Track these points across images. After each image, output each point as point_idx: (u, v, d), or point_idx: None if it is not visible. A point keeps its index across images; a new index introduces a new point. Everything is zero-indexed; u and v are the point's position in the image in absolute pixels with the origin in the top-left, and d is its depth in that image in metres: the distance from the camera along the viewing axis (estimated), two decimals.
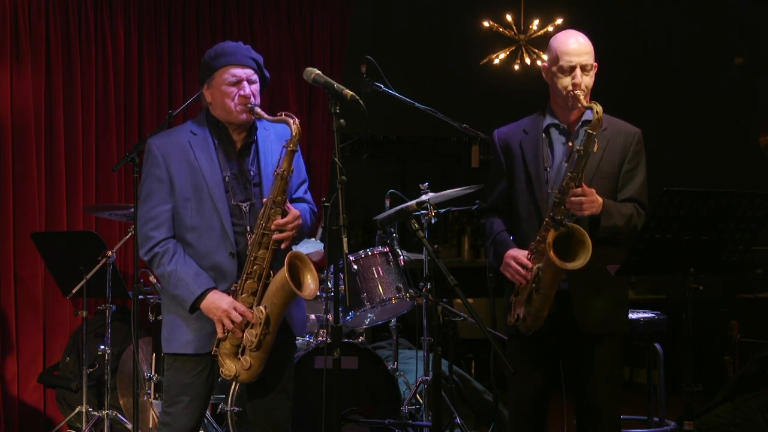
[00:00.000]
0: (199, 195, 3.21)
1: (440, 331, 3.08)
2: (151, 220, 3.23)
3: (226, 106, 3.23)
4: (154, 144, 3.27)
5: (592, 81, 3.30)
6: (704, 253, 3.15)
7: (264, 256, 3.17)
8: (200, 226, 3.21)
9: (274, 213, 3.17)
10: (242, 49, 3.29)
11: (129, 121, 5.72)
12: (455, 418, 4.72)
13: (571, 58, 3.25)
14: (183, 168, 3.22)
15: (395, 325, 5.07)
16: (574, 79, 3.24)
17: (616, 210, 3.23)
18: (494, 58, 7.13)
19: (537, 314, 3.25)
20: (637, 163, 3.33)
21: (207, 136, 3.27)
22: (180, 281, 3.17)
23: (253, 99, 3.23)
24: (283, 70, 6.08)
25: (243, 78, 3.23)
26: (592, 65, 3.29)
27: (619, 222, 3.21)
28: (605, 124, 3.26)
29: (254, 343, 3.14)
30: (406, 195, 4.97)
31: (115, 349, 4.96)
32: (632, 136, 3.34)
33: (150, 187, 3.25)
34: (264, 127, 3.34)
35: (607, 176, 3.29)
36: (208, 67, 3.28)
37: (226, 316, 3.14)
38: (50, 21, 5.47)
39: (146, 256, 3.25)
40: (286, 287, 3.10)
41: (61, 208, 5.53)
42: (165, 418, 3.28)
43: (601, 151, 3.25)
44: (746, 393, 4.73)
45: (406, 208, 4.00)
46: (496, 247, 3.42)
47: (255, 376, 3.19)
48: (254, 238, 3.18)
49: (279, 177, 3.17)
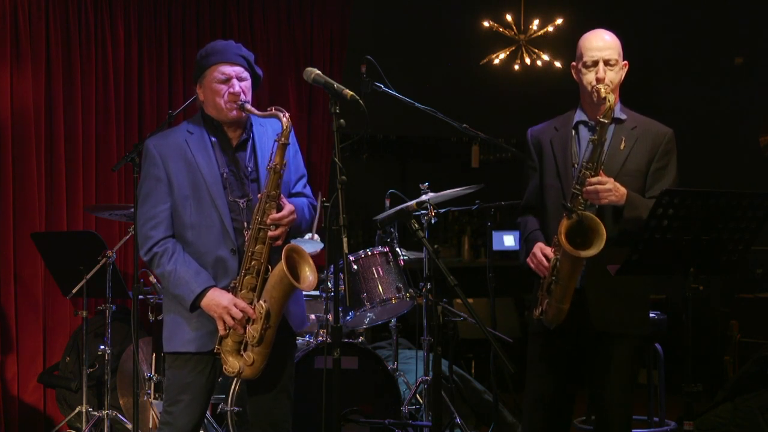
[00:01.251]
0: (198, 193, 3.22)
1: (440, 331, 3.08)
2: (150, 219, 3.24)
3: (216, 104, 3.25)
4: (152, 144, 3.29)
5: (619, 77, 3.34)
6: (704, 253, 3.15)
7: (261, 251, 3.18)
8: (200, 224, 3.22)
9: (269, 207, 3.18)
10: (231, 47, 3.30)
11: (129, 121, 5.72)
12: (455, 418, 4.72)
13: (593, 53, 3.31)
14: (181, 167, 3.23)
15: (395, 325, 5.07)
16: (597, 74, 3.29)
17: (641, 203, 3.23)
18: (494, 58, 7.13)
19: (558, 306, 3.25)
20: (667, 162, 3.34)
21: (203, 135, 3.29)
22: (180, 280, 3.18)
23: (243, 96, 3.24)
24: (283, 70, 6.08)
25: (232, 75, 3.25)
26: (617, 60, 3.32)
27: (644, 214, 3.16)
28: (635, 123, 3.34)
29: (256, 338, 3.14)
30: (406, 195, 4.97)
31: (115, 349, 4.96)
32: (663, 136, 3.36)
33: (148, 187, 3.26)
34: (260, 123, 3.35)
35: (633, 174, 3.30)
36: (199, 66, 3.30)
37: (227, 312, 3.14)
38: (50, 21, 5.47)
39: (146, 256, 3.26)
40: (284, 281, 3.11)
41: (61, 208, 5.53)
42: (166, 417, 3.28)
43: (628, 149, 3.31)
44: (746, 393, 4.73)
45: (406, 208, 4.00)
46: (527, 245, 3.45)
47: (258, 371, 3.19)
48: (251, 234, 3.19)
49: (272, 171, 3.19)
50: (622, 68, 3.36)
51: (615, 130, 3.34)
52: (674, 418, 5.02)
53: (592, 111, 3.36)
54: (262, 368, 3.19)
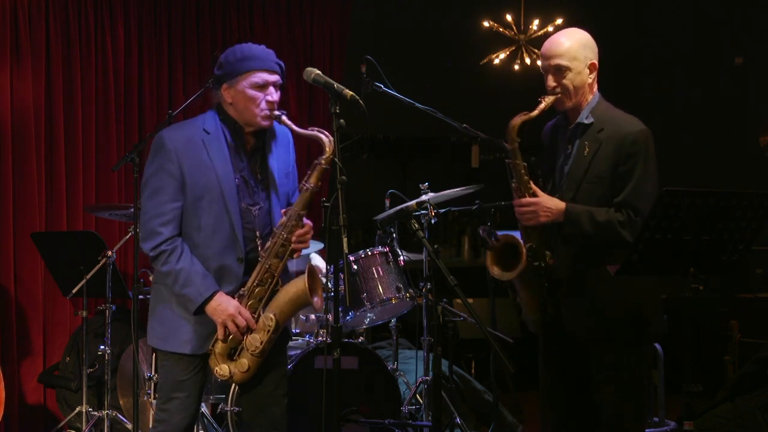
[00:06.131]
0: (211, 195, 3.17)
1: (440, 331, 3.09)
2: (160, 215, 3.17)
3: (249, 110, 3.19)
4: (167, 137, 3.20)
5: (575, 82, 3.27)
6: (704, 253, 3.15)
7: (277, 265, 3.20)
8: (210, 227, 3.18)
9: (296, 226, 3.19)
10: (270, 54, 3.24)
11: (129, 121, 5.72)
12: (455, 418, 4.72)
13: (542, 61, 3.33)
14: (196, 166, 3.17)
15: (395, 325, 5.07)
16: (547, 82, 3.29)
17: (585, 217, 3.17)
18: (494, 58, 7.12)
19: (527, 317, 3.37)
20: (632, 165, 3.19)
21: (220, 136, 3.22)
22: (189, 281, 3.14)
23: (277, 105, 3.21)
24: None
25: (270, 83, 3.20)
26: (569, 66, 3.25)
27: (588, 229, 3.16)
28: (602, 125, 3.24)
29: (258, 349, 3.17)
30: (406, 195, 4.97)
31: (115, 349, 4.96)
32: (626, 138, 3.20)
33: (160, 182, 3.17)
34: (270, 130, 3.31)
35: (595, 181, 3.22)
36: (233, 67, 3.20)
37: (231, 320, 3.14)
38: (50, 21, 5.47)
39: (152, 251, 3.18)
40: (301, 298, 3.16)
41: (61, 208, 5.53)
42: (160, 415, 3.27)
43: (591, 155, 3.23)
44: (746, 393, 4.73)
45: (406, 208, 4.00)
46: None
47: (250, 377, 3.22)
48: (273, 248, 3.18)
49: (306, 191, 3.19)
50: (581, 72, 3.26)
51: (580, 136, 3.28)
52: (674, 418, 5.02)
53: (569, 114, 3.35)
54: (253, 374, 3.22)
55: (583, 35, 3.32)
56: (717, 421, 4.71)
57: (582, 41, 3.29)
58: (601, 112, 3.29)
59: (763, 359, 4.83)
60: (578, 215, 3.18)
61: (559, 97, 3.27)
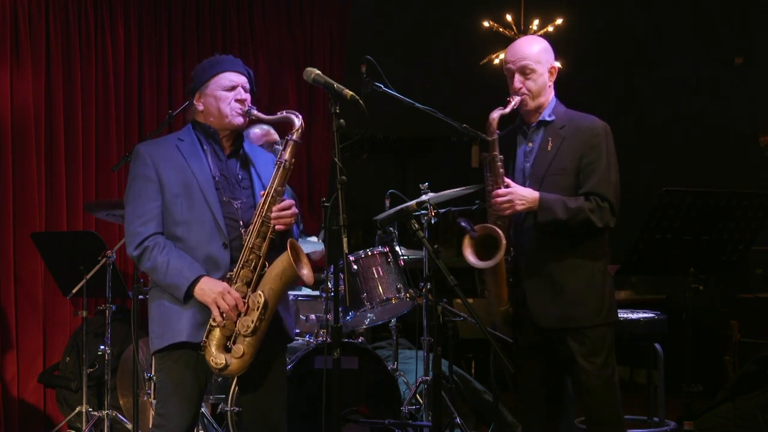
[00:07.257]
0: (189, 191, 3.21)
1: (440, 331, 3.09)
2: (139, 216, 3.20)
3: (221, 110, 3.25)
4: (142, 148, 3.29)
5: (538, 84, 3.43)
6: (704, 253, 3.15)
7: (261, 245, 3.18)
8: (191, 220, 3.20)
9: (274, 202, 3.18)
10: (238, 60, 3.36)
11: (129, 121, 5.73)
12: (455, 418, 4.72)
13: (507, 64, 3.48)
14: (172, 168, 3.22)
15: (395, 325, 5.06)
16: (513, 83, 3.44)
17: (558, 204, 3.29)
18: (494, 58, 7.12)
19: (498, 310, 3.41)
20: (596, 157, 3.34)
21: (195, 142, 3.29)
22: (173, 269, 3.14)
23: (248, 103, 3.26)
24: (283, 70, 6.08)
25: (239, 83, 3.27)
26: (534, 69, 3.42)
27: (561, 215, 3.26)
28: (564, 122, 3.41)
29: (250, 329, 3.11)
30: (406, 195, 4.96)
31: (115, 349, 4.96)
32: (589, 131, 3.38)
33: (138, 188, 3.23)
34: (252, 149, 3.42)
35: (561, 173, 3.36)
36: (201, 76, 3.30)
37: (221, 297, 3.11)
38: (50, 21, 5.48)
39: (135, 251, 3.19)
40: (288, 272, 3.12)
41: (61, 208, 5.53)
42: (159, 420, 3.25)
43: (555, 149, 3.38)
44: (746, 393, 4.73)
45: (406, 208, 3.99)
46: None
47: (246, 365, 3.15)
48: (253, 226, 3.18)
49: (281, 167, 3.20)
50: (544, 74, 3.44)
51: (543, 133, 3.43)
52: (674, 418, 5.01)
53: (526, 116, 3.50)
54: (250, 362, 3.15)
55: (544, 42, 3.52)
56: (717, 421, 4.71)
57: (544, 46, 3.49)
58: (561, 111, 3.48)
59: (763, 359, 4.82)
60: (552, 202, 3.30)
61: (524, 98, 3.42)
